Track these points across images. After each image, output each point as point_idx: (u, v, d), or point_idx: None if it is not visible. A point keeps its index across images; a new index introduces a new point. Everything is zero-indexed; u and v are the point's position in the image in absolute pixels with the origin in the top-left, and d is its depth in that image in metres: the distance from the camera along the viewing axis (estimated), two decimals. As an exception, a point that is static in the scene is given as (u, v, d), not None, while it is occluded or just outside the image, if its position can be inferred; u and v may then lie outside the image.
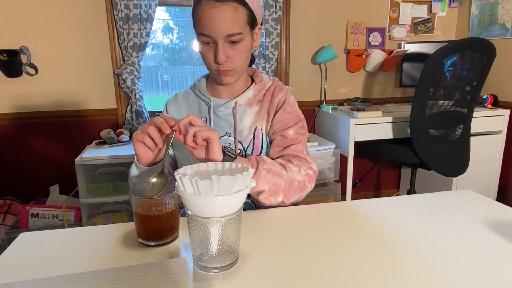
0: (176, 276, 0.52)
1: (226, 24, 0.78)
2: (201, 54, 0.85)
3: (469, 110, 1.88)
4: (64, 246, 0.64)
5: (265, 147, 0.93)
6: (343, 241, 0.64)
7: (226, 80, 0.87)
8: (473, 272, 0.54)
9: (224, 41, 0.80)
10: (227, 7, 0.77)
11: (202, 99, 0.95)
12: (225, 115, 0.93)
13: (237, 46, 0.82)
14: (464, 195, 0.86)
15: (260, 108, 0.94)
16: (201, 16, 0.79)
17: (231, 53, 0.82)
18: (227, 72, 0.84)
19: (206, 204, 0.51)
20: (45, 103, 2.14)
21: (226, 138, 0.92)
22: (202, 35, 0.80)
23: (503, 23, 2.35)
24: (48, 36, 2.06)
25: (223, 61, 0.81)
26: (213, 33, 0.79)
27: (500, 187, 2.42)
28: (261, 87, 0.94)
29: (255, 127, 0.92)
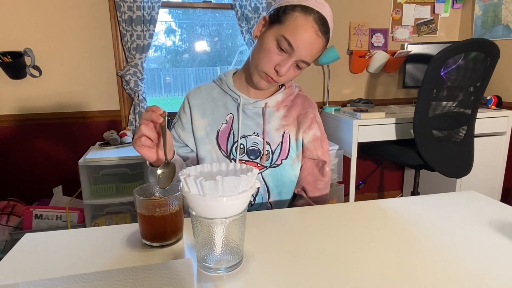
0: (181, 277, 0.52)
1: (311, 52, 0.79)
2: (266, 50, 0.80)
3: (473, 111, 1.88)
4: (68, 247, 0.64)
5: (292, 152, 0.93)
6: (347, 242, 0.64)
7: (264, 86, 0.86)
8: (478, 273, 0.54)
9: (296, 61, 0.81)
10: (321, 42, 0.80)
11: (230, 95, 0.93)
12: (253, 114, 0.92)
13: (297, 71, 0.84)
14: (469, 196, 0.85)
15: (287, 113, 0.95)
16: (299, 28, 0.76)
17: (290, 72, 0.83)
18: (272, 81, 0.84)
19: (210, 205, 0.51)
20: (49, 105, 2.15)
21: (253, 138, 0.91)
22: (287, 42, 0.78)
23: (507, 23, 2.34)
24: (52, 38, 2.07)
25: (283, 74, 0.81)
26: (299, 50, 0.78)
27: (504, 188, 2.41)
28: (290, 92, 0.96)
29: (284, 131, 0.93)
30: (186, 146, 0.95)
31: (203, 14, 2.74)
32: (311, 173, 0.97)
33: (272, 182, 0.92)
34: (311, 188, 0.97)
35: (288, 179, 0.94)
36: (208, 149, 0.91)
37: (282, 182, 0.93)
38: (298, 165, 0.95)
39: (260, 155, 0.91)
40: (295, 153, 0.94)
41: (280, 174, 0.92)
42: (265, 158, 0.91)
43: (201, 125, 0.92)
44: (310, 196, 0.97)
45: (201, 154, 0.92)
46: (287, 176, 0.93)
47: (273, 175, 0.91)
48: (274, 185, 0.92)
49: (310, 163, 0.96)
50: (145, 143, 0.69)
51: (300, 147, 0.94)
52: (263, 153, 0.90)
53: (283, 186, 0.94)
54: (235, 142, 0.91)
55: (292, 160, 0.93)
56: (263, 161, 0.90)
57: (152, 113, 0.68)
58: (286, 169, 0.92)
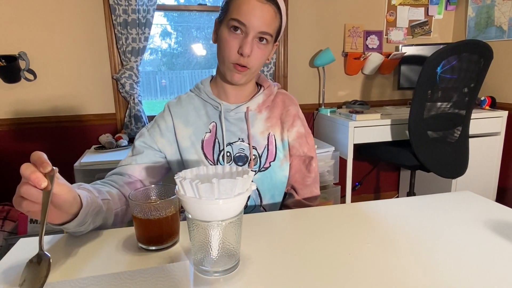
0: (177, 281, 0.51)
1: (264, 22, 0.78)
2: (223, 42, 0.81)
3: (467, 112, 1.89)
4: (63, 251, 0.63)
5: (279, 153, 0.93)
6: (344, 243, 0.64)
7: (237, 78, 0.83)
8: (474, 273, 0.54)
9: (254, 36, 0.79)
10: (270, 8, 0.79)
11: (211, 103, 0.91)
12: (236, 120, 0.91)
13: (262, 47, 0.82)
14: (464, 196, 0.86)
15: (269, 114, 0.94)
16: (242, 3, 0.77)
17: (255, 51, 0.81)
18: (243, 69, 0.82)
19: (206, 208, 0.51)
20: (44, 109, 2.14)
21: (239, 144, 0.90)
22: (236, 21, 0.78)
23: (500, 25, 2.36)
24: (47, 41, 2.06)
25: (247, 53, 0.79)
26: (250, 23, 0.77)
27: (499, 188, 2.42)
28: (269, 92, 0.95)
29: (268, 133, 0.92)
30: (160, 152, 0.90)
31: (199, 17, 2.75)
32: (299, 171, 0.96)
33: (263, 186, 0.91)
34: (299, 186, 0.97)
35: (278, 181, 0.93)
36: (195, 159, 0.88)
37: (273, 184, 0.92)
38: (287, 165, 0.94)
39: (248, 160, 0.89)
40: (282, 153, 0.93)
41: (270, 177, 0.91)
42: (253, 163, 0.90)
43: (185, 134, 0.89)
44: (301, 196, 0.97)
45: (188, 165, 0.89)
46: (277, 177, 0.92)
47: (263, 179, 0.90)
48: (265, 189, 0.91)
49: (297, 161, 0.96)
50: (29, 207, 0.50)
51: (286, 147, 0.94)
52: (251, 158, 0.89)
53: (274, 188, 0.93)
54: (221, 151, 0.89)
55: (280, 161, 0.92)
56: (251, 166, 0.89)
57: (31, 174, 0.48)
58: (275, 171, 0.92)
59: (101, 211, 0.67)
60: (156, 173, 0.90)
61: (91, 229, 0.67)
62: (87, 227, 0.64)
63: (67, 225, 0.59)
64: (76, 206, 0.58)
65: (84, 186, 0.68)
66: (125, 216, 0.79)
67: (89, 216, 0.62)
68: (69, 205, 0.56)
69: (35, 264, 0.48)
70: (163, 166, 0.91)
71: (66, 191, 0.54)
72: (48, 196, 0.50)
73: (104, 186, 0.79)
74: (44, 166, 0.50)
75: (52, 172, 0.51)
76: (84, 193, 0.62)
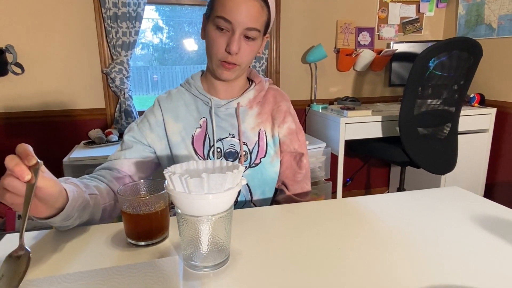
0: (167, 276, 0.51)
1: (251, 18, 0.77)
2: (210, 40, 0.81)
3: (457, 108, 1.91)
4: (50, 247, 0.63)
5: (269, 149, 0.92)
6: (334, 238, 0.64)
7: (227, 75, 0.83)
8: (462, 267, 0.55)
9: (241, 33, 0.79)
10: (256, 2, 0.77)
11: (201, 98, 0.90)
12: (226, 116, 0.90)
13: (250, 43, 0.81)
14: (452, 192, 0.87)
15: (260, 110, 0.93)
16: (227, 1, 0.77)
17: (243, 47, 0.80)
18: (231, 66, 0.81)
19: (196, 203, 0.50)
20: (32, 103, 2.10)
21: (229, 140, 0.89)
22: (222, 19, 0.77)
23: (489, 23, 2.39)
24: (35, 34, 2.02)
25: (235, 51, 0.78)
26: (236, 21, 0.77)
27: (487, 184, 2.47)
28: (260, 88, 0.94)
29: (259, 129, 0.92)
30: (149, 147, 0.89)
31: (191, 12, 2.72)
32: (290, 167, 0.96)
33: (253, 182, 0.91)
34: (290, 182, 0.97)
35: (269, 177, 0.93)
36: (185, 155, 0.88)
37: (264, 180, 0.92)
38: (278, 161, 0.94)
39: (238, 156, 0.89)
40: (273, 149, 0.93)
41: (260, 173, 0.91)
42: (244, 159, 0.89)
43: (175, 129, 0.89)
44: (292, 191, 0.97)
45: (178, 160, 0.88)
46: (268, 174, 0.92)
47: (254, 174, 0.90)
48: (256, 185, 0.91)
49: (288, 157, 0.96)
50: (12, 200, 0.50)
51: (277, 143, 0.94)
52: (241, 154, 0.89)
53: (265, 184, 0.93)
54: (212, 146, 0.89)
55: (271, 157, 0.92)
56: (241, 162, 0.89)
57: (15, 167, 0.48)
58: (266, 167, 0.91)
59: (88, 205, 0.66)
60: (146, 168, 0.89)
61: (78, 223, 0.66)
62: (73, 221, 0.63)
63: (53, 219, 0.58)
64: (62, 201, 0.57)
65: (71, 180, 0.67)
66: (113, 211, 0.78)
67: (75, 211, 0.61)
68: (54, 199, 0.55)
69: (15, 258, 0.47)
70: (153, 161, 0.91)
71: (51, 185, 0.53)
72: (32, 189, 0.49)
73: (92, 180, 0.78)
74: (28, 159, 0.49)
75: (37, 165, 0.50)
76: (71, 187, 0.61)
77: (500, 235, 0.65)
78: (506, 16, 2.27)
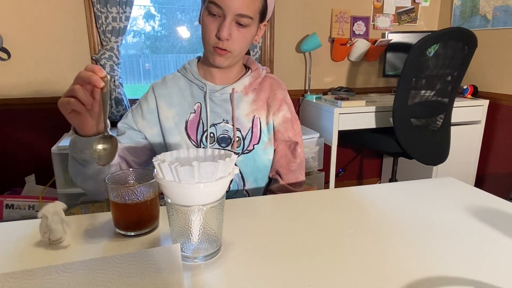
0: (168, 264, 0.49)
1: (242, 3, 0.76)
2: (203, 25, 0.81)
3: (450, 100, 1.91)
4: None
5: (263, 136, 0.92)
6: (327, 228, 0.63)
7: (219, 61, 0.82)
8: (455, 256, 0.54)
9: (233, 19, 0.77)
10: None
11: (196, 83, 0.90)
12: (221, 101, 0.89)
13: (243, 30, 0.80)
14: (446, 182, 0.87)
15: (256, 97, 0.92)
16: None
17: (235, 34, 0.79)
18: (224, 52, 0.80)
19: (186, 192, 0.49)
20: (20, 90, 2.04)
21: (223, 125, 0.89)
22: (214, 4, 0.76)
23: (484, 14, 2.38)
24: (20, 18, 1.96)
25: (225, 37, 0.77)
26: (226, 6, 0.75)
27: (478, 175, 2.49)
28: (257, 75, 0.93)
29: (254, 116, 0.91)
30: (140, 132, 0.90)
31: (183, -2, 2.66)
32: (284, 156, 0.96)
33: (246, 168, 0.90)
34: (284, 171, 0.96)
35: (262, 164, 0.93)
36: (177, 140, 0.88)
37: (256, 167, 0.92)
38: (271, 149, 0.94)
39: (231, 142, 0.89)
40: (267, 137, 0.92)
41: (253, 159, 0.90)
42: (236, 145, 0.89)
43: (168, 115, 0.89)
44: (286, 181, 0.96)
45: (170, 145, 0.89)
46: (261, 161, 0.92)
47: (246, 161, 0.90)
48: (248, 172, 0.91)
49: (283, 146, 0.95)
50: (76, 107, 0.60)
51: (271, 130, 0.93)
52: (234, 140, 0.89)
53: (258, 172, 0.92)
54: (205, 131, 0.88)
55: (264, 144, 0.92)
56: (234, 148, 0.89)
57: (92, 75, 0.58)
58: (259, 154, 0.91)
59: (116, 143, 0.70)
60: (140, 153, 0.90)
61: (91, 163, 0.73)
62: None
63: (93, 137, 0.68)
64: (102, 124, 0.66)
65: None
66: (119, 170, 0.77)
67: None
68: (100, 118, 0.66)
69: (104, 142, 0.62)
70: (145, 147, 0.91)
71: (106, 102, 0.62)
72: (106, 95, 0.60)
73: None
74: (100, 72, 0.59)
75: (105, 78, 0.60)
76: None
77: (495, 226, 0.64)
78: (502, 7, 2.26)
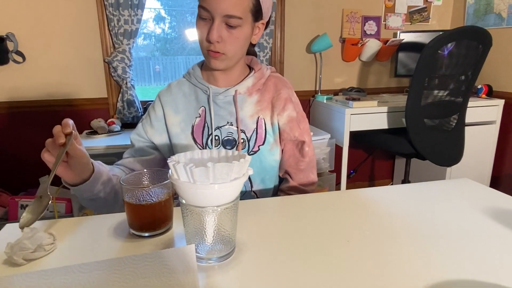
0: (183, 265, 0.49)
1: (228, 4, 0.75)
2: (196, 29, 0.82)
3: (464, 100, 1.88)
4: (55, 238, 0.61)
5: (268, 137, 0.91)
6: (341, 230, 0.63)
7: (215, 64, 0.83)
8: (474, 259, 0.53)
9: (221, 21, 0.77)
10: None
11: (199, 87, 0.91)
12: (225, 103, 0.90)
13: (234, 31, 0.79)
14: (462, 183, 0.85)
15: (260, 98, 0.92)
16: None
17: (225, 35, 0.79)
18: (217, 55, 0.81)
19: (201, 193, 0.48)
20: (34, 92, 2.08)
21: (228, 128, 0.89)
22: (202, 8, 0.77)
23: (499, 12, 2.33)
24: (36, 22, 1.99)
25: (214, 40, 0.77)
26: (212, 8, 0.76)
27: (493, 176, 2.44)
28: (260, 76, 0.92)
29: (258, 116, 0.90)
30: (151, 143, 0.93)
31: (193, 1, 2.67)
32: (292, 155, 0.95)
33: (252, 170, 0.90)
34: (293, 171, 0.95)
35: (268, 165, 0.92)
36: (184, 145, 0.90)
37: (263, 168, 0.91)
38: (277, 149, 0.93)
39: (236, 144, 0.89)
40: (272, 137, 0.91)
41: (259, 160, 0.90)
42: (241, 147, 0.89)
43: (175, 121, 0.91)
44: (296, 181, 0.95)
45: (177, 150, 0.90)
46: (267, 161, 0.91)
47: (252, 162, 0.89)
48: (255, 173, 0.91)
49: (290, 146, 0.94)
50: (49, 159, 0.62)
51: (276, 131, 0.92)
52: (239, 142, 0.88)
53: (264, 172, 0.92)
54: (210, 135, 0.89)
55: (270, 145, 0.91)
56: (239, 149, 0.88)
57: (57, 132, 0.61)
58: (264, 155, 0.90)
59: (111, 182, 0.76)
60: (153, 165, 0.93)
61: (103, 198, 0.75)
62: (97, 194, 0.73)
63: (79, 187, 0.69)
64: (88, 172, 0.69)
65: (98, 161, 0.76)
66: None
67: (100, 185, 0.73)
68: (81, 168, 0.67)
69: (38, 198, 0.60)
70: (157, 158, 0.94)
71: (81, 156, 0.65)
72: (63, 151, 0.61)
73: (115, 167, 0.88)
74: (65, 128, 0.61)
75: (71, 134, 0.62)
76: (97, 163, 0.74)
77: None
78: (517, 5, 2.21)
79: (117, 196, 0.79)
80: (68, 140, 0.61)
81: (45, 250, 0.55)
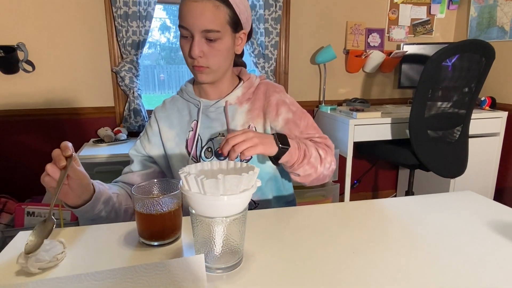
0: (193, 274, 0.50)
1: (204, 20, 0.78)
2: (180, 48, 0.85)
3: (468, 111, 1.89)
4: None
5: None
6: (347, 242, 0.64)
7: (202, 78, 0.85)
8: (478, 273, 0.54)
9: (201, 36, 0.80)
10: (208, 3, 0.78)
11: (192, 102, 0.94)
12: (216, 115, 0.92)
13: (214, 44, 0.81)
14: (465, 196, 0.86)
15: (251, 106, 0.93)
16: (182, 8, 0.79)
17: (206, 50, 0.81)
18: (202, 69, 0.83)
19: (211, 204, 0.50)
20: (42, 100, 2.12)
21: (220, 139, 0.91)
22: (181, 27, 0.81)
23: (502, 25, 2.36)
24: (46, 32, 2.04)
25: (196, 55, 0.80)
26: (190, 26, 0.79)
27: (497, 188, 2.43)
28: (249, 85, 0.94)
29: (248, 125, 0.91)
30: (149, 157, 0.96)
31: (200, 11, 2.72)
32: None
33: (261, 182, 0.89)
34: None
35: (263, 171, 0.91)
36: (179, 158, 0.93)
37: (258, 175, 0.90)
38: None
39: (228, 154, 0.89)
40: None
41: None
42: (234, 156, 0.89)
43: (170, 136, 0.94)
44: None
45: (173, 164, 0.94)
46: (261, 168, 0.91)
47: None
48: None
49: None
50: (50, 183, 0.63)
51: None
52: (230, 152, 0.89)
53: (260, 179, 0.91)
54: (203, 147, 0.92)
55: None
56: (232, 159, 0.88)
57: (57, 155, 0.62)
58: (258, 162, 0.91)
59: (112, 200, 0.78)
60: (153, 177, 0.95)
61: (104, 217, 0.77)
62: (98, 213, 0.74)
63: (81, 208, 0.70)
64: (88, 193, 0.71)
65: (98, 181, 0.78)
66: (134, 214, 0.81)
67: (101, 204, 0.74)
68: (82, 190, 0.68)
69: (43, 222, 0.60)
70: (156, 171, 0.97)
71: (81, 177, 0.67)
72: (64, 174, 0.61)
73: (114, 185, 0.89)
74: (65, 151, 0.63)
75: (71, 157, 0.63)
76: (97, 183, 0.75)
77: (517, 242, 0.63)
78: (519, 19, 2.23)
79: (117, 213, 0.81)
80: (68, 163, 0.62)
81: (57, 259, 0.56)
